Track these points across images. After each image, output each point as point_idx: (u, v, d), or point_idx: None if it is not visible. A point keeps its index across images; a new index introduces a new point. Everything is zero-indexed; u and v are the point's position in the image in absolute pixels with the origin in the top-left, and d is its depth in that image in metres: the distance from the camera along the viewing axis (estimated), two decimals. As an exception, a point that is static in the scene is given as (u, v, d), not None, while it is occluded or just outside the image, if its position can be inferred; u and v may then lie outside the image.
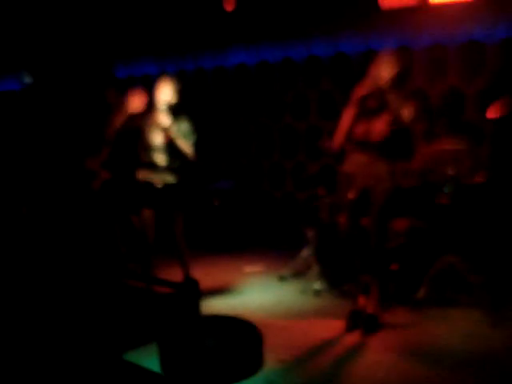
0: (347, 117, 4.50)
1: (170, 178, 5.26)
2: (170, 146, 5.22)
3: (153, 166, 5.24)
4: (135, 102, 5.50)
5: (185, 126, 5.30)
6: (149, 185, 5.25)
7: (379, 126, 4.40)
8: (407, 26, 6.67)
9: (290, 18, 7.23)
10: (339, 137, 4.56)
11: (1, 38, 7.86)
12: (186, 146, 5.24)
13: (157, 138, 5.23)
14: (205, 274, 6.05)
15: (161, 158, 5.24)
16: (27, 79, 8.63)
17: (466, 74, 6.40)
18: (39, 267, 2.73)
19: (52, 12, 7.14)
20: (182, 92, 5.38)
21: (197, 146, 5.33)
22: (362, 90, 4.40)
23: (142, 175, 5.28)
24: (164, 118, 5.19)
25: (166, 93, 5.25)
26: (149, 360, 3.07)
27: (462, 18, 6.25)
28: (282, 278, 6.08)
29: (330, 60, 7.42)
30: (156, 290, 2.46)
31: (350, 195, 4.53)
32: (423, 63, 6.65)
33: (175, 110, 5.27)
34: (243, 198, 8.01)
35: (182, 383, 2.61)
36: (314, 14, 7.07)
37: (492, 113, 5.68)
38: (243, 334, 2.76)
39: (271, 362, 3.86)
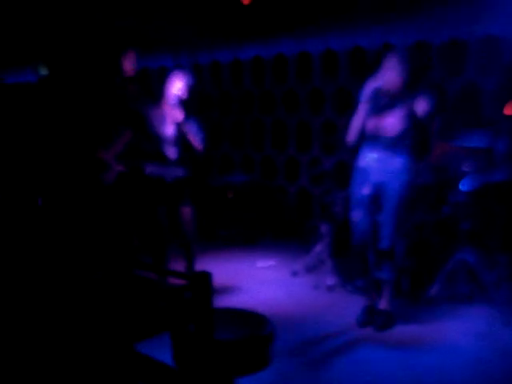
0: (360, 112, 4.49)
1: (180, 172, 5.27)
2: (181, 140, 5.23)
3: (163, 160, 5.26)
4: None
5: (194, 122, 5.30)
6: (160, 180, 5.27)
7: (393, 121, 4.38)
8: (425, 20, 6.62)
9: (307, 11, 7.19)
10: (353, 132, 4.55)
11: (17, 30, 7.89)
12: (196, 140, 5.24)
13: (168, 131, 5.24)
14: (218, 268, 6.06)
15: (172, 151, 5.25)
16: (43, 71, 8.67)
17: (484, 70, 6.33)
18: (53, 258, 2.74)
19: (68, 4, 7.16)
20: (194, 88, 5.38)
21: (206, 141, 5.33)
22: (372, 86, 4.40)
23: (152, 169, 5.29)
24: (177, 112, 5.19)
25: (177, 87, 5.26)
26: (160, 352, 3.08)
27: (479, 13, 6.18)
28: (294, 273, 6.07)
29: (346, 54, 7.38)
30: (168, 282, 2.46)
31: (365, 191, 4.52)
32: (441, 58, 6.59)
33: (186, 106, 5.28)
34: (257, 192, 8.00)
35: (194, 375, 2.61)
36: (330, 7, 7.03)
37: (510, 109, 5.63)
38: (255, 327, 2.76)
39: (283, 356, 3.86)
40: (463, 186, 5.12)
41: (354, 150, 4.66)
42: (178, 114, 5.17)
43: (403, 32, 6.71)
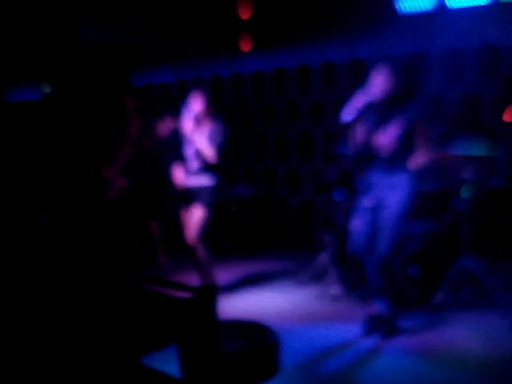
0: (357, 130, 4.48)
1: (204, 181, 5.36)
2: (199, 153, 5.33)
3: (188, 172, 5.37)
4: (164, 129, 5.65)
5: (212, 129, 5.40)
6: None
7: (387, 139, 4.34)
8: (423, 30, 6.68)
9: (305, 24, 7.26)
10: (353, 147, 4.56)
11: (19, 48, 7.97)
12: (208, 151, 5.31)
13: (189, 148, 5.34)
14: (222, 279, 6.09)
15: (194, 165, 5.35)
16: (46, 89, 8.74)
17: (482, 79, 6.38)
18: (58, 273, 2.78)
19: (70, 22, 7.24)
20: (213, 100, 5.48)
21: (220, 150, 5.41)
22: (363, 99, 4.38)
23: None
24: (190, 127, 5.26)
25: (198, 103, 5.35)
26: (167, 365, 3.11)
27: (477, 23, 6.24)
28: (299, 283, 6.09)
29: (346, 66, 7.44)
30: (173, 295, 2.50)
31: (367, 203, 4.54)
32: (439, 68, 6.64)
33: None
34: (260, 204, 8.04)
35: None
36: (329, 20, 7.10)
37: (509, 116, 5.67)
38: (261, 338, 2.79)
39: (288, 366, 3.89)
40: (464, 193, 5.15)
41: (358, 162, 4.69)
42: (191, 129, 5.25)
43: (400, 43, 6.78)
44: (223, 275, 6.45)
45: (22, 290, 2.54)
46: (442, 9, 6.27)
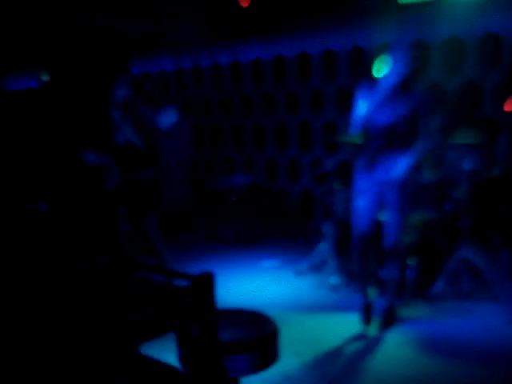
0: (362, 106, 4.45)
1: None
2: None
3: None
4: (165, 120, 5.64)
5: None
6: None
7: (389, 121, 4.33)
8: (424, 19, 6.64)
9: (305, 12, 7.22)
10: (356, 127, 4.52)
11: (18, 36, 7.93)
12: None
13: None
14: (221, 268, 6.09)
15: None
16: (44, 77, 8.71)
17: (483, 68, 6.35)
18: (56, 260, 2.76)
19: (69, 9, 7.19)
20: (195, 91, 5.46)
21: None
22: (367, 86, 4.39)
23: None
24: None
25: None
26: (165, 354, 3.10)
27: (478, 11, 6.20)
28: (298, 273, 6.09)
29: (346, 54, 7.40)
30: (172, 283, 2.48)
31: (370, 181, 4.47)
32: (440, 57, 6.60)
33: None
34: (260, 193, 8.02)
35: (199, 376, 2.63)
36: (329, 8, 7.05)
37: (510, 106, 5.64)
38: (260, 327, 2.78)
39: (287, 355, 3.88)
40: (464, 182, 5.13)
41: (358, 146, 4.63)
42: None
43: (402, 31, 6.73)
44: (222, 264, 6.45)
45: (21, 277, 2.52)
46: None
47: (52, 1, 7.02)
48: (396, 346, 4.24)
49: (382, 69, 4.35)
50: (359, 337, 4.43)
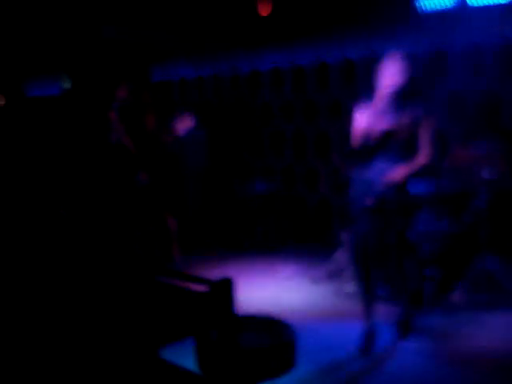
0: (361, 118, 4.39)
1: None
2: None
3: None
4: (182, 127, 5.78)
5: None
6: None
7: (387, 129, 4.23)
8: (444, 28, 6.63)
9: (325, 21, 7.24)
10: (357, 137, 4.44)
11: (41, 43, 8.04)
12: None
13: None
14: (240, 275, 6.10)
15: None
16: (67, 84, 8.81)
17: (503, 77, 6.33)
18: (77, 266, 2.80)
19: (90, 18, 7.29)
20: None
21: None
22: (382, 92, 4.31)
23: None
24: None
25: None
26: (184, 358, 3.13)
27: (498, 21, 6.18)
28: (316, 280, 6.09)
29: (365, 64, 7.40)
30: (190, 288, 2.51)
31: (368, 202, 4.33)
32: (459, 66, 6.59)
33: None
34: (278, 201, 8.04)
35: (217, 381, 2.66)
36: (348, 18, 7.07)
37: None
38: (278, 333, 2.80)
39: (304, 362, 3.89)
40: (483, 192, 5.12)
41: (354, 160, 4.58)
42: None
43: (421, 40, 6.74)
44: (240, 270, 6.48)
45: (41, 282, 2.56)
46: (462, 7, 6.22)
47: (78, 12, 7.12)
48: (413, 355, 4.23)
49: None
50: (377, 345, 4.42)
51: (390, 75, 4.26)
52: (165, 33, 7.97)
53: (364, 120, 4.35)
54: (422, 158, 4.21)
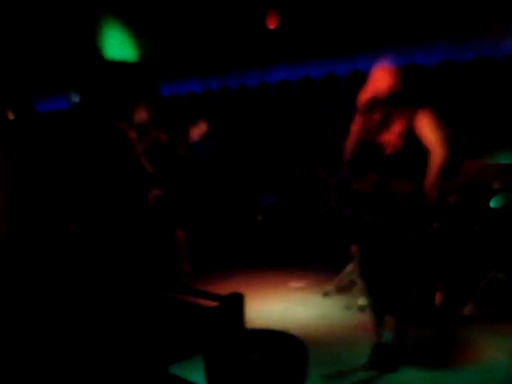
0: (355, 126, 4.26)
1: None
2: None
3: None
4: (197, 132, 5.86)
5: None
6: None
7: (389, 139, 4.12)
8: (452, 40, 6.64)
9: (333, 34, 7.26)
10: (350, 147, 4.29)
11: (49, 57, 8.09)
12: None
13: None
14: (249, 289, 6.08)
15: None
16: (75, 98, 8.85)
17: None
18: (88, 281, 2.80)
19: (99, 32, 7.34)
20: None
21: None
22: (364, 97, 4.22)
23: None
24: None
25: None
26: (194, 374, 3.11)
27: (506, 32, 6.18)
28: (326, 294, 6.06)
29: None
30: (200, 303, 2.49)
31: (368, 216, 4.26)
32: (468, 77, 6.58)
33: None
34: (287, 213, 8.03)
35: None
36: (357, 30, 7.09)
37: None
38: (288, 348, 2.78)
39: (314, 376, 3.86)
40: (494, 203, 5.08)
41: (355, 171, 4.51)
42: None
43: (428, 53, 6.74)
44: (250, 284, 6.45)
45: (51, 295, 2.56)
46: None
47: (83, 23, 7.17)
48: (425, 368, 4.18)
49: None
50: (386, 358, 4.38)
51: (380, 82, 4.15)
52: (174, 48, 8.02)
53: (363, 130, 4.24)
54: (437, 155, 3.97)
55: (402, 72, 4.24)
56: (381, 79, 4.16)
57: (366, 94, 4.21)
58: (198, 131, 6.28)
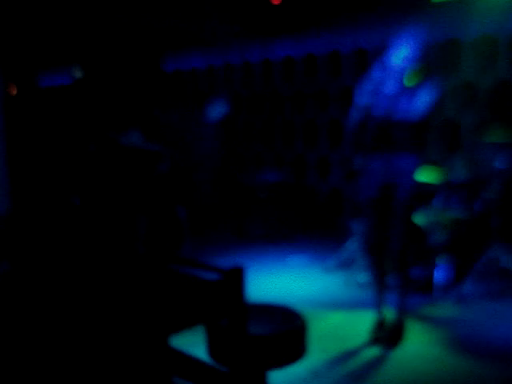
0: (360, 109, 4.31)
1: None
2: None
3: None
4: (215, 113, 5.85)
5: None
6: None
7: (396, 119, 4.13)
8: (456, 17, 6.59)
9: (337, 10, 7.21)
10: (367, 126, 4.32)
11: (52, 33, 8.05)
12: None
13: None
14: (250, 264, 6.12)
15: None
16: (78, 74, 8.83)
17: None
18: (91, 256, 2.82)
19: (102, 7, 7.29)
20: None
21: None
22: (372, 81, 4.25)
23: None
24: None
25: None
26: (195, 346, 3.16)
27: (510, 9, 6.13)
28: (326, 270, 6.10)
29: (377, 52, 7.36)
30: (202, 276, 2.52)
31: (373, 193, 4.27)
32: (472, 55, 6.55)
33: None
34: (289, 190, 8.04)
35: (227, 368, 2.67)
36: (361, 7, 7.04)
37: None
38: (288, 322, 2.81)
39: (314, 351, 3.90)
40: (495, 182, 5.09)
41: (358, 151, 4.50)
42: None
43: (434, 29, 6.69)
44: (251, 259, 6.50)
45: (54, 271, 2.58)
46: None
47: (89, 1, 7.13)
48: (423, 345, 4.23)
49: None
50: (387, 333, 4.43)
51: (403, 55, 4.19)
52: (177, 21, 7.96)
53: (375, 107, 4.24)
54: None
55: None
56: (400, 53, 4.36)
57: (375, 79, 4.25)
58: (215, 112, 6.26)
